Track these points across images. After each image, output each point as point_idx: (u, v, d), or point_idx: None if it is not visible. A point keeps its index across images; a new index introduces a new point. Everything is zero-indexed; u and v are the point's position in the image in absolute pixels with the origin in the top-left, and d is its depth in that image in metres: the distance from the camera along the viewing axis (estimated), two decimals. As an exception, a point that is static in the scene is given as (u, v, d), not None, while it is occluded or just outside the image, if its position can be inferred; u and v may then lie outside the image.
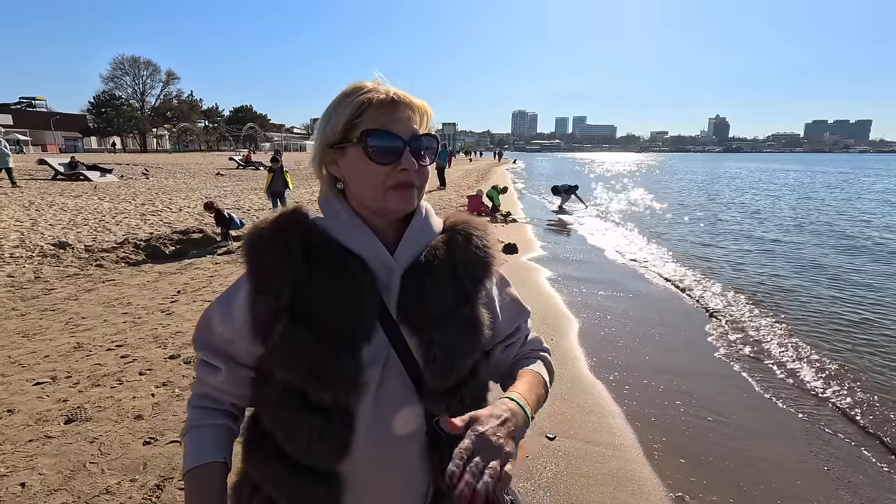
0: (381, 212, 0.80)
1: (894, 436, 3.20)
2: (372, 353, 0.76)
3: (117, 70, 66.86)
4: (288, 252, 0.76)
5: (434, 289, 0.79)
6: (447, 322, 0.79)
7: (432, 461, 0.80)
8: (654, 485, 2.63)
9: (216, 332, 0.82)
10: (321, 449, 0.74)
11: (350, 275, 0.76)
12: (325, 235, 0.79)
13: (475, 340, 0.83)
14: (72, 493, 2.27)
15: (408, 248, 0.82)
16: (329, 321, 0.74)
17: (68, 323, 4.41)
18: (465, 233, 0.86)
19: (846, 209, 16.53)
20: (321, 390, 0.73)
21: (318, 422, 0.74)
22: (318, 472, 0.76)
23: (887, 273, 7.65)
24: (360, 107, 0.76)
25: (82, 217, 9.25)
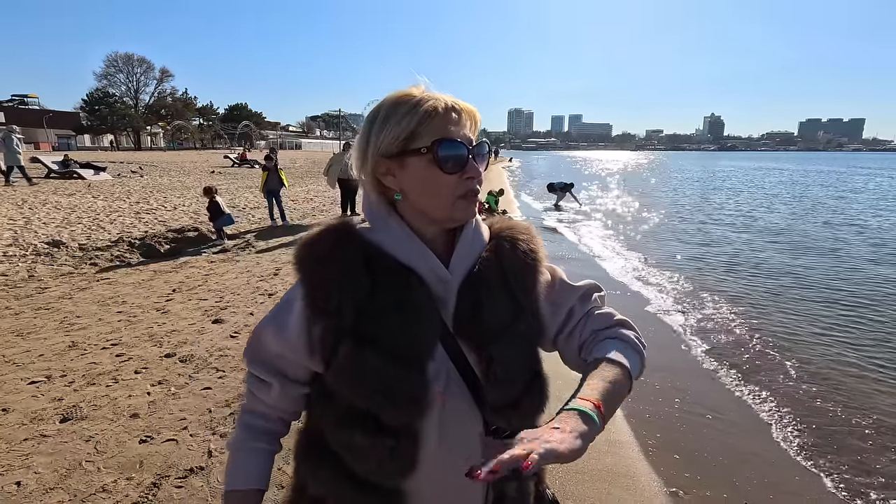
0: (446, 222, 0.78)
1: (879, 429, 3.24)
2: (435, 368, 0.76)
3: (111, 67, 66.50)
4: (349, 271, 0.74)
5: (490, 302, 0.78)
6: (504, 336, 0.78)
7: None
8: (649, 480, 2.65)
9: (268, 349, 0.81)
10: (392, 467, 0.74)
11: (411, 292, 0.75)
12: (380, 251, 0.77)
13: (532, 352, 0.82)
14: (68, 491, 2.26)
15: (462, 259, 0.80)
16: (396, 341, 0.73)
17: (63, 322, 4.39)
18: (511, 239, 0.84)
19: (842, 206, 16.65)
20: (393, 411, 0.72)
21: (388, 442, 0.73)
22: (383, 490, 0.76)
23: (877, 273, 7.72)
24: (424, 116, 0.74)
25: (76, 215, 9.19)
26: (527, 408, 0.80)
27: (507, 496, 0.83)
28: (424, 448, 0.75)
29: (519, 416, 0.79)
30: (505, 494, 0.83)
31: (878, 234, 11.01)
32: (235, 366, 3.58)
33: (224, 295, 5.26)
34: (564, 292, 0.87)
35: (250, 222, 9.82)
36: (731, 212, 15.25)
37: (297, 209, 11.74)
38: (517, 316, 0.80)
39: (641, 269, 7.58)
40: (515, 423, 0.78)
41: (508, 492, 0.83)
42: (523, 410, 0.79)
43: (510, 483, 0.82)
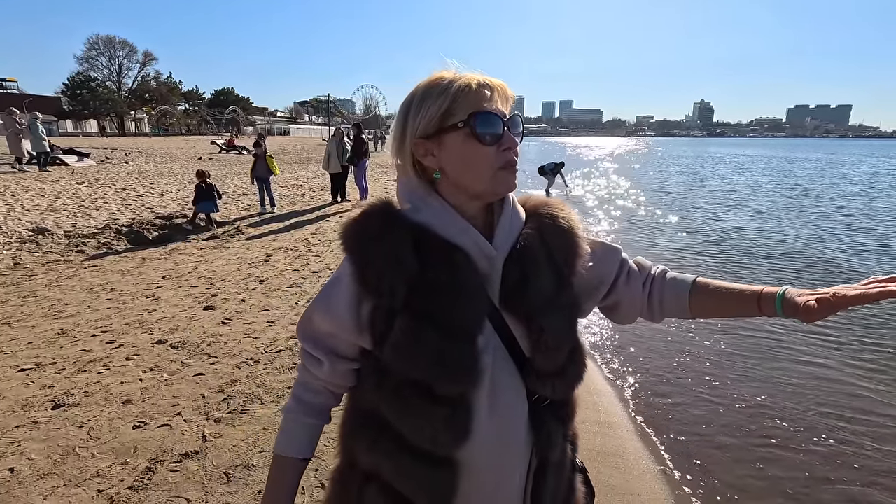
0: (486, 195, 0.81)
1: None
2: (484, 341, 0.78)
3: (92, 50, 64.60)
4: (399, 250, 0.76)
5: (536, 276, 0.81)
6: (551, 308, 0.81)
7: (539, 435, 0.84)
8: (638, 459, 2.72)
9: (318, 327, 0.85)
10: (447, 438, 0.76)
11: (459, 269, 0.77)
12: (426, 230, 0.79)
13: (574, 324, 0.87)
14: (62, 476, 2.27)
15: (505, 235, 0.82)
16: (450, 316, 0.75)
17: (51, 309, 4.34)
18: (552, 215, 0.88)
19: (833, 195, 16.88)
20: (446, 383, 0.75)
21: (443, 412, 0.76)
22: (437, 459, 0.78)
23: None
24: (458, 93, 0.77)
25: (60, 202, 9.03)
26: (571, 374, 0.86)
27: (550, 462, 0.87)
28: (477, 417, 0.77)
29: (564, 382, 0.84)
30: (548, 461, 0.87)
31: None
32: (228, 352, 3.58)
33: (215, 282, 5.23)
34: (609, 248, 0.95)
35: (240, 209, 9.72)
36: (717, 201, 15.39)
37: (287, 195, 11.64)
38: (561, 288, 0.84)
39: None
40: (558, 391, 0.84)
41: (552, 458, 0.87)
42: (568, 377, 0.85)
43: (553, 449, 0.86)
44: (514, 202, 0.87)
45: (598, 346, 4.18)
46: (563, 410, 0.90)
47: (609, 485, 2.49)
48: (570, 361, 0.85)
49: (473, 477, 0.81)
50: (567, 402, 0.91)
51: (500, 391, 0.80)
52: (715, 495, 2.49)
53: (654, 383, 3.60)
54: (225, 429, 2.66)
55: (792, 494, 2.53)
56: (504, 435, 0.81)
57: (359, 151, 10.97)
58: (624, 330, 4.53)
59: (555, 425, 0.87)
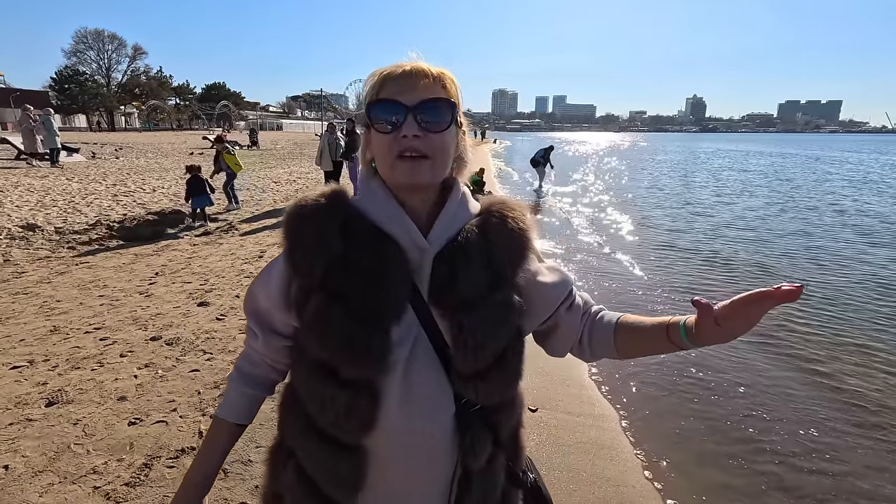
0: (398, 186, 0.80)
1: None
2: (401, 333, 0.77)
3: (80, 44, 63.60)
4: (324, 231, 0.78)
5: (466, 273, 0.78)
6: (478, 307, 0.78)
7: (462, 440, 0.81)
8: (630, 452, 2.75)
9: (256, 302, 0.87)
10: (347, 423, 0.76)
11: (383, 256, 0.77)
12: (361, 216, 0.80)
13: (507, 326, 0.81)
14: (57, 473, 2.26)
15: (442, 229, 0.81)
16: (361, 300, 0.75)
17: (42, 306, 4.31)
18: (501, 214, 0.85)
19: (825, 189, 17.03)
20: (351, 366, 0.75)
21: (345, 397, 0.75)
22: (343, 445, 0.78)
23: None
24: (375, 85, 0.79)
25: (50, 198, 8.92)
26: (494, 380, 0.80)
27: (473, 473, 0.83)
28: (385, 408, 0.76)
29: (486, 387, 0.79)
30: (471, 471, 0.83)
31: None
32: (223, 348, 3.57)
33: (209, 278, 5.20)
34: (562, 274, 0.91)
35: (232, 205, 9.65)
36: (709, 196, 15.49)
37: (280, 191, 11.57)
38: (496, 287, 0.80)
39: (616, 249, 7.70)
40: (483, 395, 0.80)
41: (474, 466, 0.83)
42: (491, 383, 0.79)
43: (477, 457, 0.82)
44: (464, 197, 0.86)
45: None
46: (497, 417, 0.85)
47: (604, 476, 2.52)
48: (495, 366, 0.80)
49: (383, 469, 0.80)
50: (500, 408, 0.85)
51: (417, 386, 0.78)
52: (706, 487, 2.53)
53: (646, 378, 3.64)
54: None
55: (780, 486, 2.57)
56: (418, 432, 0.79)
57: (352, 147, 10.92)
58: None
59: (481, 432, 0.82)
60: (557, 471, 2.54)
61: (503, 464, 0.89)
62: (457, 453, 0.82)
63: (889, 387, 3.58)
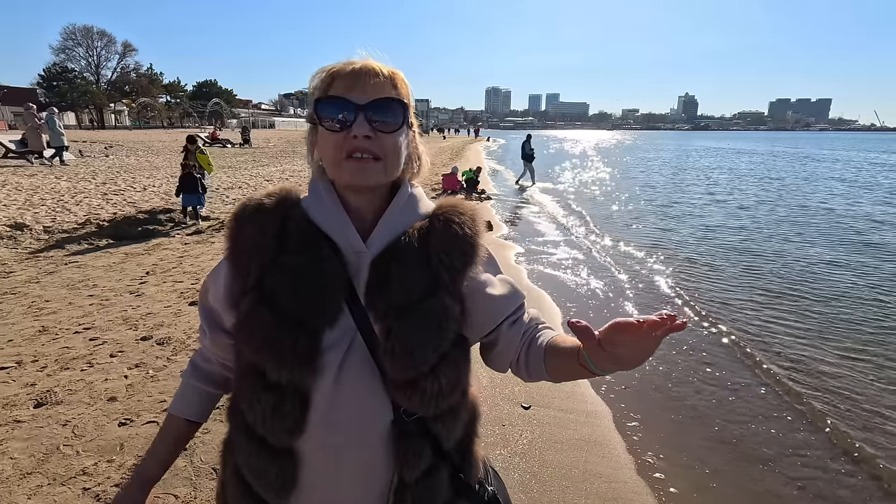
0: (345, 186, 0.78)
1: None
2: (334, 337, 0.75)
3: (68, 41, 62.70)
4: (261, 231, 0.77)
5: (400, 277, 0.76)
6: (409, 314, 0.75)
7: (397, 449, 0.78)
8: (623, 448, 2.77)
9: (207, 300, 0.87)
10: (274, 425, 0.75)
11: (319, 258, 0.76)
12: (303, 216, 0.79)
13: (441, 334, 0.77)
14: (46, 475, 2.24)
15: (383, 232, 0.79)
16: (291, 302, 0.74)
17: (31, 306, 4.26)
18: (445, 218, 0.81)
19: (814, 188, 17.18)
20: (276, 369, 0.74)
21: (271, 399, 0.74)
22: (270, 446, 0.77)
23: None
24: (324, 81, 0.77)
25: (39, 197, 8.80)
26: (428, 390, 0.76)
27: (408, 484, 0.79)
28: (314, 412, 0.75)
29: (420, 396, 0.76)
30: (407, 482, 0.79)
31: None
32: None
33: (200, 277, 5.17)
34: (513, 288, 0.87)
35: (224, 203, 9.60)
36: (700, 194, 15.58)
37: (273, 189, 11.49)
38: (431, 293, 0.77)
39: (603, 247, 7.74)
40: (417, 405, 0.77)
41: (408, 478, 0.79)
42: (424, 392, 0.76)
43: (411, 469, 0.79)
44: (412, 199, 0.83)
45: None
46: (437, 427, 0.81)
47: (595, 472, 2.53)
48: (429, 375, 0.76)
49: (313, 475, 0.78)
50: (440, 418, 0.80)
51: (348, 392, 0.75)
52: (697, 484, 2.55)
53: (639, 375, 3.66)
54: (213, 424, 2.64)
55: (770, 484, 2.60)
56: (348, 439, 0.76)
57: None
58: (596, 321, 4.59)
59: (418, 442, 0.78)
60: (550, 468, 2.55)
61: (445, 476, 0.84)
62: (395, 463, 0.79)
63: (883, 390, 3.63)
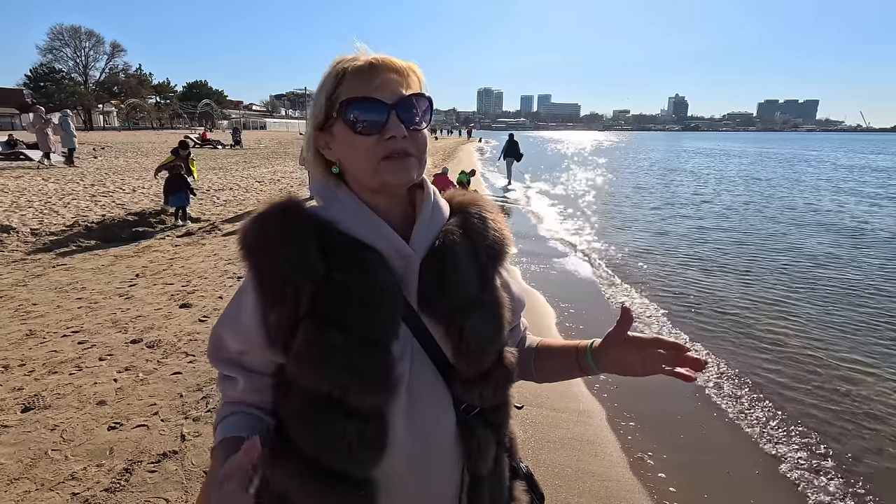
0: (381, 188, 0.74)
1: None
2: (400, 347, 0.73)
3: (56, 41, 61.84)
4: (303, 252, 0.70)
5: (456, 276, 0.75)
6: (473, 309, 0.76)
7: (467, 447, 0.78)
8: (616, 447, 2.78)
9: (228, 347, 0.78)
10: (361, 454, 0.70)
11: (370, 270, 0.71)
12: (335, 228, 0.73)
13: (501, 324, 0.80)
14: (34, 480, 2.21)
15: (423, 233, 0.76)
16: (359, 322, 0.69)
17: (18, 310, 4.20)
18: (481, 215, 0.83)
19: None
20: (359, 393, 0.69)
21: (355, 427, 0.69)
22: (352, 479, 0.71)
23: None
24: (337, 78, 0.72)
25: (26, 199, 8.69)
26: (497, 379, 0.79)
27: (482, 475, 0.80)
28: (393, 430, 0.72)
29: (490, 388, 0.78)
30: (480, 476, 0.80)
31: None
32: (206, 350, 3.52)
33: (191, 279, 5.12)
34: (522, 297, 0.91)
35: (215, 204, 9.53)
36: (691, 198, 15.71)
37: (264, 191, 11.44)
38: (484, 286, 0.79)
39: (595, 249, 7.79)
40: (486, 397, 0.78)
41: (484, 470, 0.80)
42: (494, 382, 0.78)
43: (485, 461, 0.80)
44: (436, 196, 0.82)
45: (577, 337, 4.25)
46: (495, 417, 0.83)
47: (588, 471, 2.54)
48: (497, 365, 0.79)
49: (393, 492, 0.74)
50: (498, 407, 0.84)
51: (420, 401, 0.74)
52: (690, 482, 2.57)
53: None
54: (204, 427, 2.62)
55: (764, 484, 2.63)
56: (426, 449, 0.75)
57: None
58: (602, 320, 4.62)
59: (485, 435, 0.80)
60: (543, 467, 2.56)
61: (507, 462, 0.88)
62: (462, 460, 0.79)
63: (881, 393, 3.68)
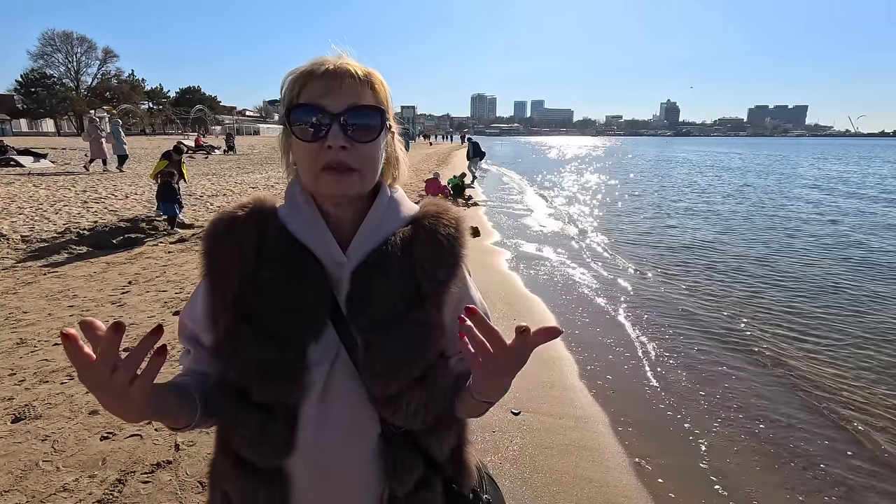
0: (320, 197, 0.75)
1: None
2: (320, 351, 0.73)
3: (47, 46, 61.60)
4: (238, 246, 0.73)
5: (381, 290, 0.73)
6: (392, 327, 0.73)
7: (387, 464, 0.76)
8: (613, 452, 2.78)
9: (187, 326, 0.82)
10: (262, 447, 0.72)
11: (301, 271, 0.72)
12: (281, 228, 0.75)
13: (426, 347, 0.75)
14: (25, 492, 2.17)
15: (363, 241, 0.76)
16: (274, 319, 0.71)
17: (8, 318, 4.14)
18: (431, 228, 0.78)
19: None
20: (263, 388, 0.70)
21: (259, 419, 0.71)
22: (261, 469, 0.74)
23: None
24: (296, 83, 0.72)
25: (16, 205, 8.60)
26: (412, 404, 0.74)
27: (398, 498, 0.77)
28: (303, 430, 0.72)
29: (404, 411, 0.74)
30: (397, 496, 0.77)
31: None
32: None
33: (185, 286, 5.08)
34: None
35: (209, 210, 9.47)
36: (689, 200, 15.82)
37: (258, 197, 11.39)
38: (415, 305, 0.74)
39: (591, 250, 7.81)
40: (403, 419, 0.75)
41: (399, 492, 0.77)
42: (408, 406, 0.74)
43: (401, 483, 0.77)
44: (392, 204, 0.80)
45: (574, 343, 4.25)
46: (427, 439, 0.79)
47: (586, 477, 2.53)
48: (416, 389, 0.74)
49: (304, 494, 0.75)
50: (429, 430, 0.78)
51: (335, 408, 0.73)
52: (689, 488, 2.56)
53: (630, 380, 3.68)
54: (198, 437, 2.59)
55: (763, 490, 2.63)
56: (338, 456, 0.74)
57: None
58: (600, 327, 4.62)
59: (407, 455, 0.77)
60: (540, 473, 2.54)
61: (439, 487, 0.82)
62: (385, 477, 0.77)
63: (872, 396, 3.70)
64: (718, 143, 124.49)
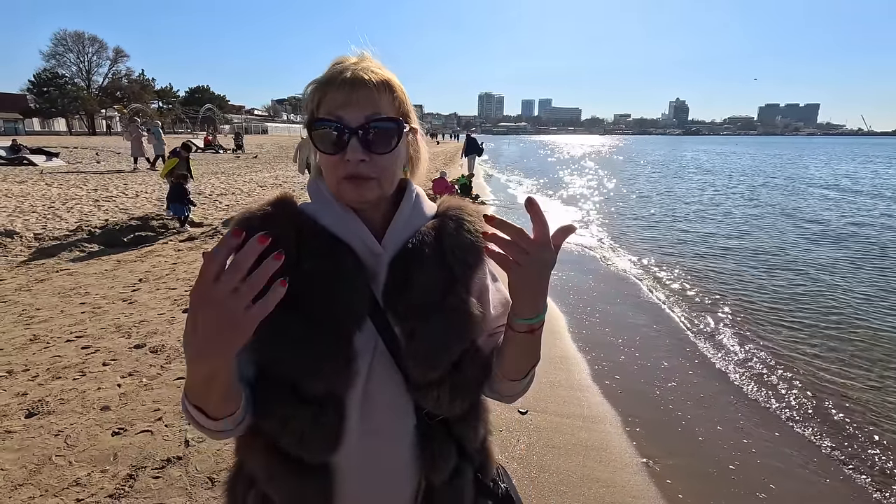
0: (343, 201, 0.77)
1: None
2: (362, 342, 0.74)
3: (59, 46, 62.32)
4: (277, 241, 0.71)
5: (420, 278, 0.76)
6: (432, 313, 0.76)
7: (423, 454, 0.78)
8: (621, 452, 2.77)
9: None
10: (313, 441, 0.72)
11: (339, 263, 0.74)
12: (314, 222, 0.77)
13: (463, 332, 0.78)
14: (38, 486, 2.20)
15: (396, 234, 0.79)
16: (320, 309, 0.72)
17: (21, 315, 4.20)
18: (457, 218, 0.82)
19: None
20: (313, 379, 0.71)
21: (309, 413, 0.71)
22: (309, 465, 0.74)
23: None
24: (315, 94, 0.74)
25: (29, 204, 8.74)
26: (454, 389, 0.77)
27: (435, 485, 0.80)
28: (349, 421, 0.73)
29: (444, 397, 0.76)
30: (435, 485, 0.80)
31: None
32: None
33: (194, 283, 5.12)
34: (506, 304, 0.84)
35: (218, 209, 9.55)
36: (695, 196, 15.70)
37: (266, 195, 11.47)
38: (450, 290, 0.78)
39: (604, 254, 7.78)
40: (442, 406, 0.77)
41: (437, 480, 0.80)
42: (449, 392, 0.77)
43: (439, 471, 0.79)
44: (418, 200, 0.84)
45: (584, 343, 4.24)
46: (461, 428, 0.82)
47: (594, 477, 2.53)
48: (454, 375, 0.77)
49: (348, 486, 0.76)
50: (464, 419, 0.82)
51: (377, 397, 0.75)
52: (697, 489, 2.55)
53: (637, 380, 3.67)
54: (208, 433, 2.61)
55: (768, 491, 2.61)
56: (381, 446, 0.76)
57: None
58: (609, 327, 4.61)
59: (444, 444, 0.79)
60: (548, 473, 2.54)
61: (470, 476, 0.85)
62: (420, 465, 0.78)
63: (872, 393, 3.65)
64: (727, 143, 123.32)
